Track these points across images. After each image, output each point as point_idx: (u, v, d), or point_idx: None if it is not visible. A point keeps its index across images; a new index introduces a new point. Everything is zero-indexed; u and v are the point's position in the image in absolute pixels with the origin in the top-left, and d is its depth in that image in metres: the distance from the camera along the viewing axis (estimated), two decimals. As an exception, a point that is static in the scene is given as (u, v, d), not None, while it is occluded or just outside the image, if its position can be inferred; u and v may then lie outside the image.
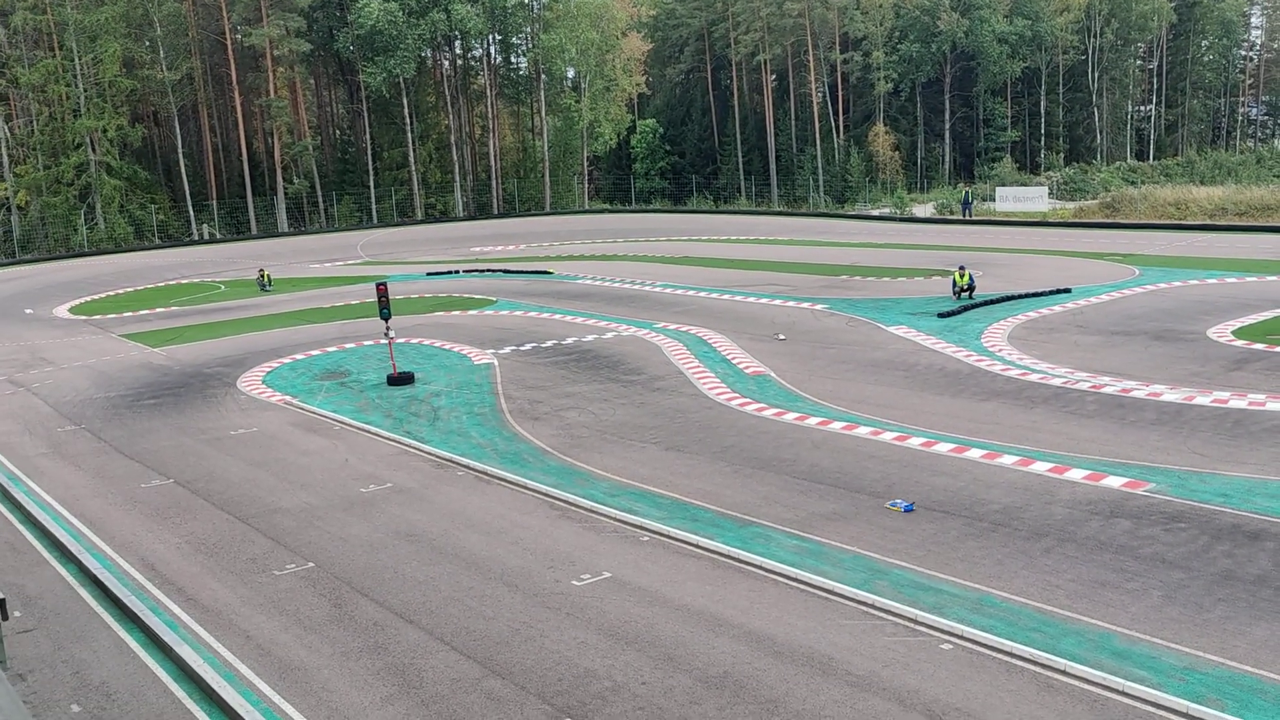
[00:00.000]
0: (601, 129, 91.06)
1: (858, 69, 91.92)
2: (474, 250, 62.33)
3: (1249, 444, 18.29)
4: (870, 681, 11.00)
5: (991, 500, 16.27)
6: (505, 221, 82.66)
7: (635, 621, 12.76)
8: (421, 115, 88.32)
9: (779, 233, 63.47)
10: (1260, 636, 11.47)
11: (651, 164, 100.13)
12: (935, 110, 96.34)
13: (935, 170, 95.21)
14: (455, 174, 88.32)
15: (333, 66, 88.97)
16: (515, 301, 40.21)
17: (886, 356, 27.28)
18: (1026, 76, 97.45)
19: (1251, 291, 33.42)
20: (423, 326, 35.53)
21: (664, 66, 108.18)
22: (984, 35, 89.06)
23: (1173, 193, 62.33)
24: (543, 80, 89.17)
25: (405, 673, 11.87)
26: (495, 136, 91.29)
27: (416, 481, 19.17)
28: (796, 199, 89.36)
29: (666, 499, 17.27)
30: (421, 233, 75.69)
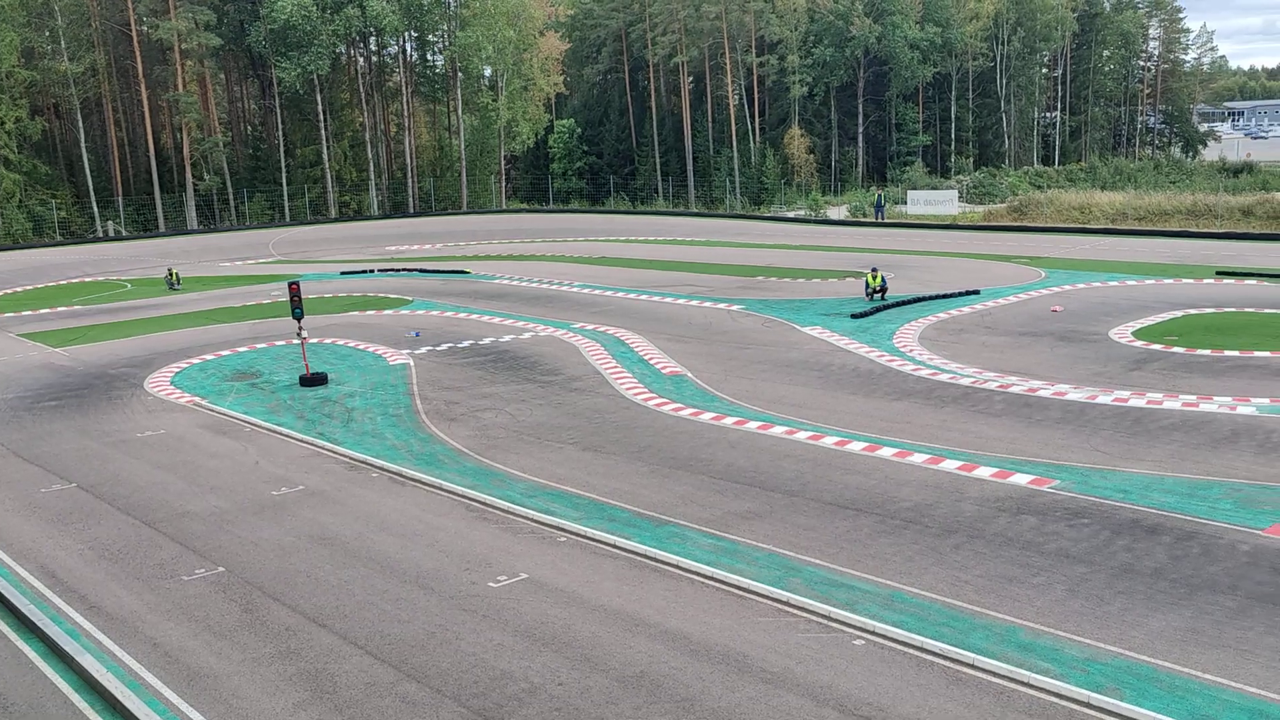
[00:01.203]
0: (519, 128, 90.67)
1: (773, 72, 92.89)
2: (389, 249, 61.61)
3: (1147, 441, 18.91)
4: (784, 678, 11.15)
5: (902, 498, 16.58)
6: (421, 220, 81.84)
7: (552, 622, 12.75)
8: (336, 112, 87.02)
9: (696, 234, 63.86)
10: (1156, 627, 11.87)
11: (569, 164, 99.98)
12: (849, 114, 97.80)
13: (849, 173, 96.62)
14: (370, 172, 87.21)
15: (244, 61, 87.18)
16: (431, 301, 39.85)
17: (801, 357, 27.62)
18: (937, 82, 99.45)
19: (1150, 294, 34.54)
20: (337, 326, 35.03)
21: (582, 67, 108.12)
22: (896, 41, 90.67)
23: (1077, 197, 64.11)
24: (459, 79, 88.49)
25: (318, 678, 11.70)
26: (411, 135, 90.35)
27: (329, 484, 18.90)
28: (713, 200, 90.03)
29: (584, 499, 17.28)
30: (336, 231, 74.59)
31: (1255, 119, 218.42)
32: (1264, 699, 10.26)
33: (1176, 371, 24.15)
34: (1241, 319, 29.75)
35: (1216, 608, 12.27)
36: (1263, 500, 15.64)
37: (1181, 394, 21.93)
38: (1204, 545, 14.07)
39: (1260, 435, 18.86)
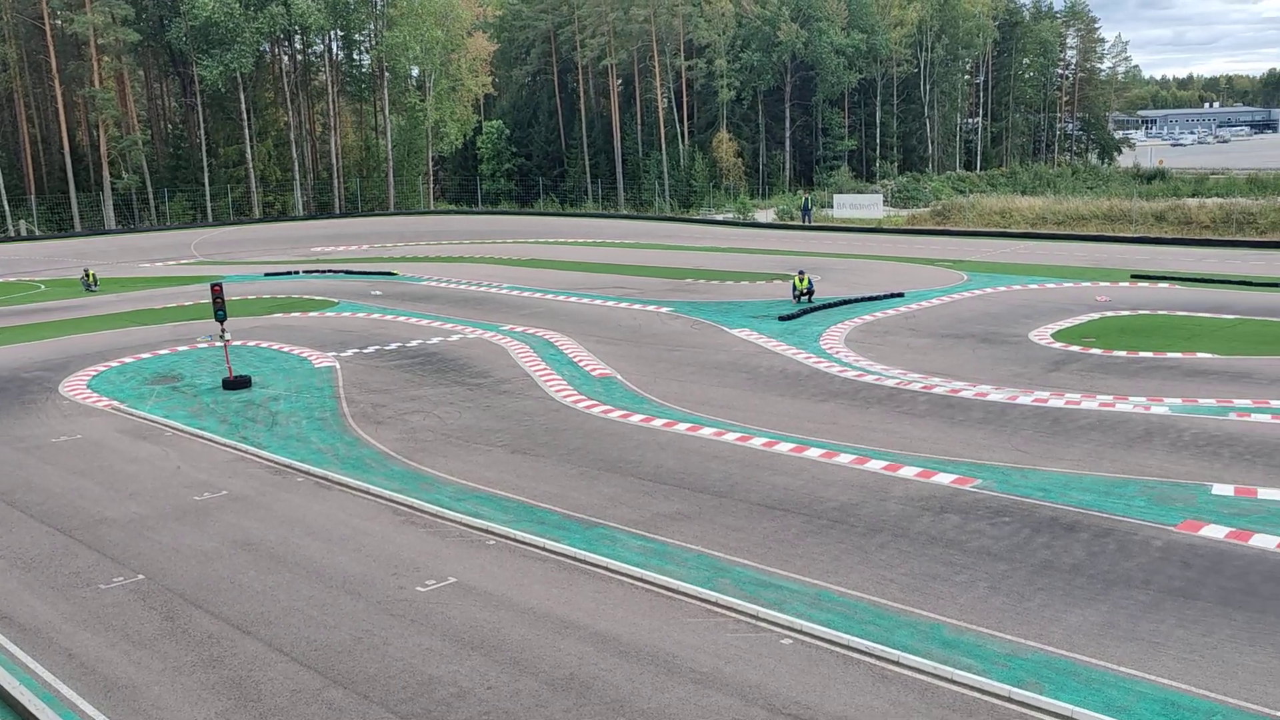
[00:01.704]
0: (447, 129, 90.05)
1: (702, 76, 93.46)
2: (315, 250, 60.76)
3: (1066, 441, 19.37)
4: (713, 678, 11.22)
5: (829, 498, 16.78)
6: (348, 221, 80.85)
7: (481, 626, 12.68)
8: (260, 111, 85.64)
9: (625, 236, 63.96)
10: (1074, 622, 12.16)
11: (498, 165, 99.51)
12: (776, 118, 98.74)
13: (776, 177, 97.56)
14: (295, 172, 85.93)
15: (164, 58, 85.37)
16: (358, 303, 39.39)
17: (730, 359, 27.81)
18: (863, 87, 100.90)
19: (1068, 296, 35.38)
20: (261, 329, 34.46)
21: (510, 68, 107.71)
22: (822, 46, 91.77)
23: (998, 202, 65.48)
24: (386, 78, 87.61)
25: (242, 685, 11.50)
26: (337, 135, 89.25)
27: (253, 489, 18.59)
28: (643, 203, 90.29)
29: (513, 502, 17.21)
30: (260, 232, 73.35)
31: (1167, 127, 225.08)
32: (1175, 689, 10.57)
33: (1093, 372, 24.77)
34: (1155, 321, 30.63)
35: (1131, 602, 12.61)
36: (1174, 497, 16.11)
37: (1098, 394, 22.50)
38: (1119, 542, 14.45)
39: (1172, 434, 19.42)
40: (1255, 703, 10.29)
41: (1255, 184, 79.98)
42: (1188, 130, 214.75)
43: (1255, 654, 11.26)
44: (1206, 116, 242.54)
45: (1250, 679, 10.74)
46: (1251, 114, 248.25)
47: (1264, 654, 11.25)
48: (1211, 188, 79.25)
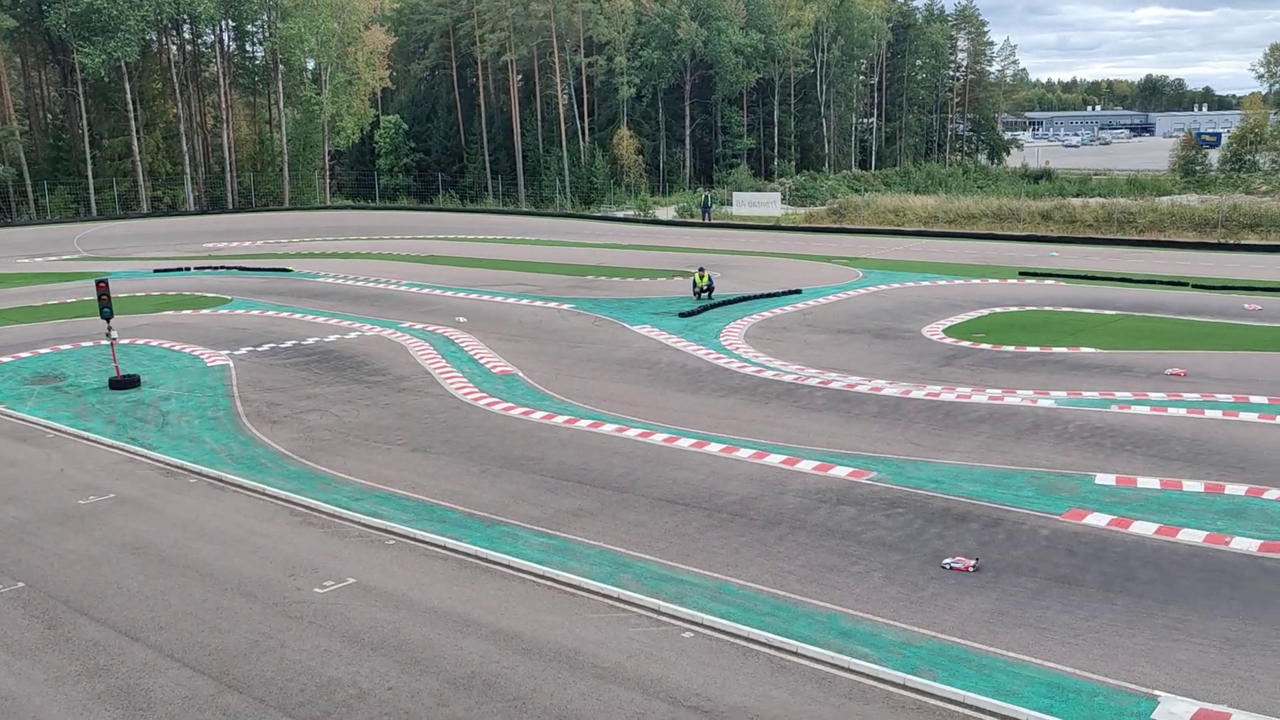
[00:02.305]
0: (344, 123, 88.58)
1: (602, 73, 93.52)
2: (207, 246, 59.16)
3: (957, 433, 19.91)
4: (615, 672, 11.27)
5: (729, 492, 16.98)
6: (241, 216, 78.91)
7: (381, 627, 12.53)
8: (147, 102, 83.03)
9: (526, 232, 63.70)
10: (966, 610, 12.53)
11: (396, 160, 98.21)
12: (676, 116, 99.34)
13: (676, 174, 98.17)
14: (186, 166, 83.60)
15: (42, 45, 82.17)
16: (252, 300, 38.50)
17: (631, 355, 27.92)
18: (761, 87, 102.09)
19: (959, 293, 36.33)
20: (150, 326, 33.44)
21: (408, 62, 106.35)
22: (721, 45, 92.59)
23: (892, 201, 66.91)
24: (280, 71, 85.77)
25: (131, 694, 11.18)
26: (229, 128, 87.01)
27: (143, 491, 18.06)
28: (543, 199, 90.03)
29: (413, 501, 17.04)
30: (149, 227, 71.15)
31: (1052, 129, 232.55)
32: (1060, 673, 10.97)
33: (983, 367, 25.49)
34: (1042, 317, 31.64)
35: (1019, 589, 13.03)
36: (1060, 487, 16.69)
37: (988, 388, 23.17)
38: (1008, 531, 14.91)
39: (1058, 426, 20.11)
40: (1134, 682, 10.74)
41: (1135, 185, 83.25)
42: (1072, 132, 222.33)
43: (1134, 636, 11.74)
44: (1089, 119, 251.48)
45: (1129, 660, 11.20)
46: (1131, 117, 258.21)
47: (1142, 636, 11.74)
48: (1094, 188, 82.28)
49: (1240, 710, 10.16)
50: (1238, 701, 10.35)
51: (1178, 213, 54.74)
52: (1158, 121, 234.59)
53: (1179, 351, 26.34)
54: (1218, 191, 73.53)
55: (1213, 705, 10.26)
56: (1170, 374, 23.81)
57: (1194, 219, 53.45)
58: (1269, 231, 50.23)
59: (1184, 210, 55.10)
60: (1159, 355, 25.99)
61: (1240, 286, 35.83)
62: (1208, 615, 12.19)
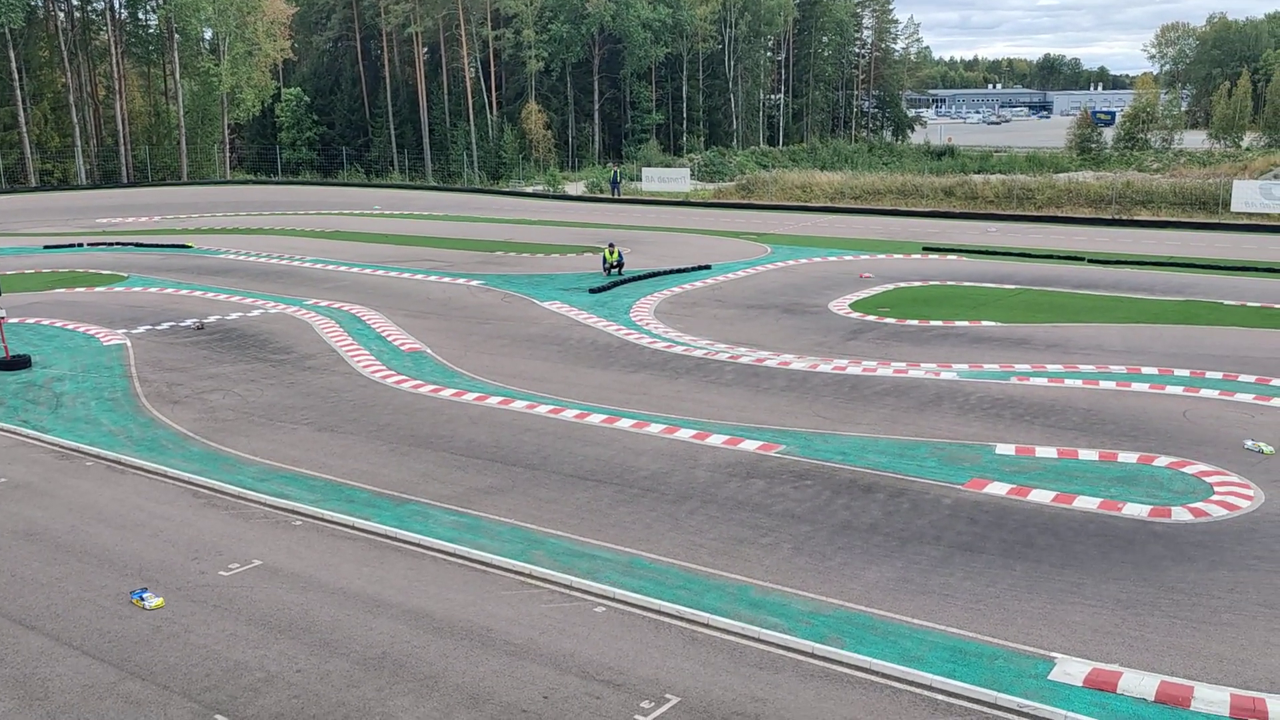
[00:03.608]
0: (244, 95, 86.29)
1: (510, 46, 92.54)
2: (100, 222, 57.23)
3: (863, 406, 20.28)
4: (528, 649, 11.28)
5: (640, 467, 17.06)
6: (136, 191, 76.44)
7: (289, 609, 12.35)
8: (33, 71, 79.76)
9: (433, 208, 62.90)
10: (872, 579, 12.80)
11: (298, 134, 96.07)
12: (585, 91, 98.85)
13: (586, 149, 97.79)
14: (76, 138, 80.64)
15: (-80, 10, 78.39)
16: (150, 277, 37.40)
17: (541, 331, 27.82)
18: (670, 62, 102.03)
19: (865, 268, 36.88)
20: (41, 305, 32.28)
21: (310, 33, 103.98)
22: (630, 20, 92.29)
23: (799, 177, 67.53)
24: (176, 40, 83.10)
25: (27, 684, 10.85)
26: (122, 99, 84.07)
27: (36, 475, 17.48)
28: (451, 174, 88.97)
29: (320, 481, 16.78)
30: (37, 201, 68.54)
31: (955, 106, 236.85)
32: (962, 637, 11.28)
33: (888, 341, 25.97)
34: (944, 291, 32.32)
35: (923, 557, 13.36)
36: (962, 457, 17.12)
37: (893, 361, 23.62)
38: (913, 501, 15.26)
39: (960, 398, 20.60)
40: (1031, 645, 11.10)
41: (1034, 162, 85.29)
42: (974, 110, 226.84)
43: (1032, 600, 12.13)
44: (990, 97, 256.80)
45: (1027, 624, 11.57)
46: (1030, 95, 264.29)
47: (1039, 600, 12.13)
48: (995, 165, 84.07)
49: (1131, 669, 10.57)
50: (1129, 660, 10.77)
51: (1074, 189, 56.30)
52: (1055, 100, 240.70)
53: (1075, 324, 27.15)
54: (1112, 169, 75.84)
55: (1105, 665, 10.66)
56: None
57: (1090, 195, 55.06)
58: (1160, 207, 51.96)
59: (1080, 187, 56.69)
60: (1056, 328, 26.76)
61: (1134, 261, 37.03)
62: (1102, 579, 12.64)
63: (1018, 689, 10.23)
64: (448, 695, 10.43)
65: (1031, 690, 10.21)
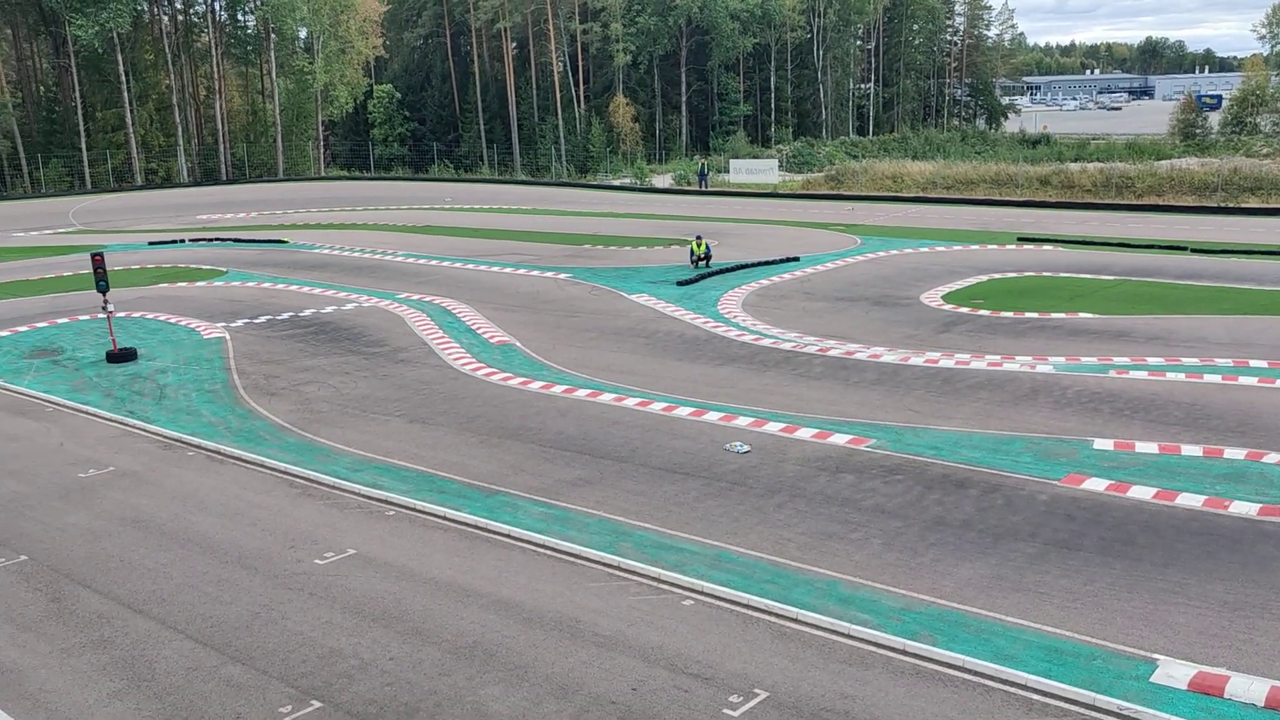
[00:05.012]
0: (337, 93, 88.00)
1: (597, 40, 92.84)
2: (201, 218, 58.93)
3: (956, 400, 19.92)
4: (616, 640, 11.31)
5: (728, 460, 16.99)
6: (235, 188, 78.53)
7: (382, 597, 12.57)
8: (139, 74, 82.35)
9: (522, 202, 63.44)
10: (965, 575, 12.57)
11: (390, 130, 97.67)
12: (672, 83, 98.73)
13: (673, 142, 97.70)
14: (179, 137, 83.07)
15: (33, 16, 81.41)
16: (248, 272, 38.39)
17: (628, 324, 27.88)
18: (757, 53, 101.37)
19: (958, 259, 36.24)
20: (146, 299, 33.37)
21: (401, 30, 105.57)
22: (717, 11, 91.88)
23: (890, 167, 66.55)
24: (273, 40, 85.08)
25: (135, 665, 11.22)
26: (222, 98, 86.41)
27: (142, 464, 18.06)
28: (539, 168, 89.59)
29: (412, 472, 17.05)
30: (142, 199, 70.84)
31: (1051, 93, 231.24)
32: (1058, 636, 11.01)
33: (982, 333, 25.47)
34: (1040, 283, 31.58)
35: (1018, 554, 13.07)
36: (1059, 453, 16.71)
37: (987, 354, 23.15)
38: (1007, 497, 14.94)
39: (1056, 392, 20.11)
40: (1132, 645, 10.78)
41: (1134, 149, 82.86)
42: (1070, 96, 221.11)
43: (1132, 600, 11.79)
44: (1088, 83, 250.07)
45: (1127, 624, 11.24)
46: (1130, 81, 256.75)
47: (1140, 599, 11.78)
48: (1093, 153, 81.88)
49: (1239, 673, 10.21)
50: (1236, 664, 10.40)
51: (1177, 177, 54.49)
52: (1157, 84, 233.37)
53: (1177, 316, 26.31)
54: (1218, 155, 73.18)
55: (1211, 668, 10.31)
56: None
57: (1194, 183, 53.22)
58: (1270, 195, 50.02)
59: (1183, 174, 54.85)
60: (1157, 320, 25.97)
61: (1240, 250, 35.74)
62: (1206, 579, 12.23)
63: (1118, 691, 9.95)
64: (537, 685, 10.52)
65: (1132, 692, 9.93)
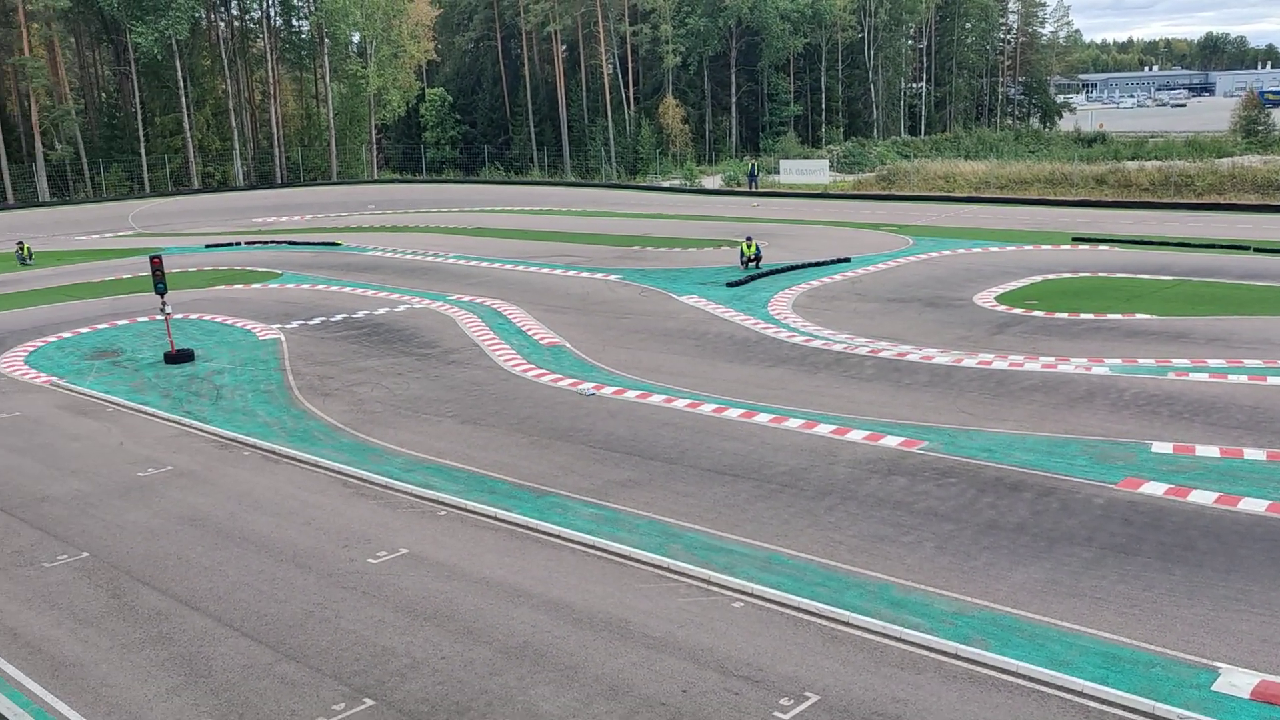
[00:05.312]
0: (389, 97, 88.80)
1: (647, 41, 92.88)
2: (256, 221, 59.81)
3: (1010, 402, 19.67)
4: (666, 642, 11.30)
5: (778, 463, 16.91)
6: (289, 191, 79.56)
7: (433, 597, 12.66)
8: (197, 79, 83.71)
9: (572, 204, 63.64)
10: (1019, 580, 12.40)
11: (442, 133, 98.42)
12: (722, 84, 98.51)
13: (723, 143, 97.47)
14: (235, 142, 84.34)
15: (96, 25, 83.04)
16: (302, 274, 38.88)
17: (678, 326, 27.86)
18: (808, 53, 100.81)
19: (1011, 260, 35.81)
20: (203, 301, 33.91)
21: (453, 34, 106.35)
22: (767, 11, 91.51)
23: (942, 167, 65.93)
24: (326, 45, 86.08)
25: (192, 662, 11.40)
26: (277, 103, 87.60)
27: (199, 463, 18.36)
28: (589, 170, 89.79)
29: (463, 472, 17.16)
30: (199, 203, 72.01)
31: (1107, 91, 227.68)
32: (1116, 643, 10.83)
33: (1036, 334, 25.13)
34: (1096, 283, 31.10)
35: (1074, 559, 12.87)
36: (1115, 455, 16.44)
37: (1041, 356, 22.84)
38: (1062, 500, 14.73)
39: (1113, 394, 19.79)
40: (1192, 653, 10.58)
41: (1193, 146, 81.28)
42: (1127, 94, 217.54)
43: (1192, 606, 11.56)
44: (1146, 80, 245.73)
45: (1187, 631, 11.03)
46: (1190, 77, 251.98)
47: (1201, 606, 11.55)
48: (1151, 151, 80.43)
49: (1303, 682, 9.98)
50: (1300, 673, 10.17)
51: (1239, 175, 53.39)
52: (1218, 81, 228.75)
53: (1239, 317, 25.79)
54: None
55: (1275, 676, 10.09)
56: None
57: (1256, 180, 52.12)
58: (1333, 193, 48.92)
59: (1245, 172, 53.72)
60: (1218, 321, 25.47)
61: (1302, 250, 34.95)
62: (1270, 585, 11.96)
63: (1178, 699, 9.76)
64: (587, 686, 10.54)
65: (1193, 701, 9.74)
